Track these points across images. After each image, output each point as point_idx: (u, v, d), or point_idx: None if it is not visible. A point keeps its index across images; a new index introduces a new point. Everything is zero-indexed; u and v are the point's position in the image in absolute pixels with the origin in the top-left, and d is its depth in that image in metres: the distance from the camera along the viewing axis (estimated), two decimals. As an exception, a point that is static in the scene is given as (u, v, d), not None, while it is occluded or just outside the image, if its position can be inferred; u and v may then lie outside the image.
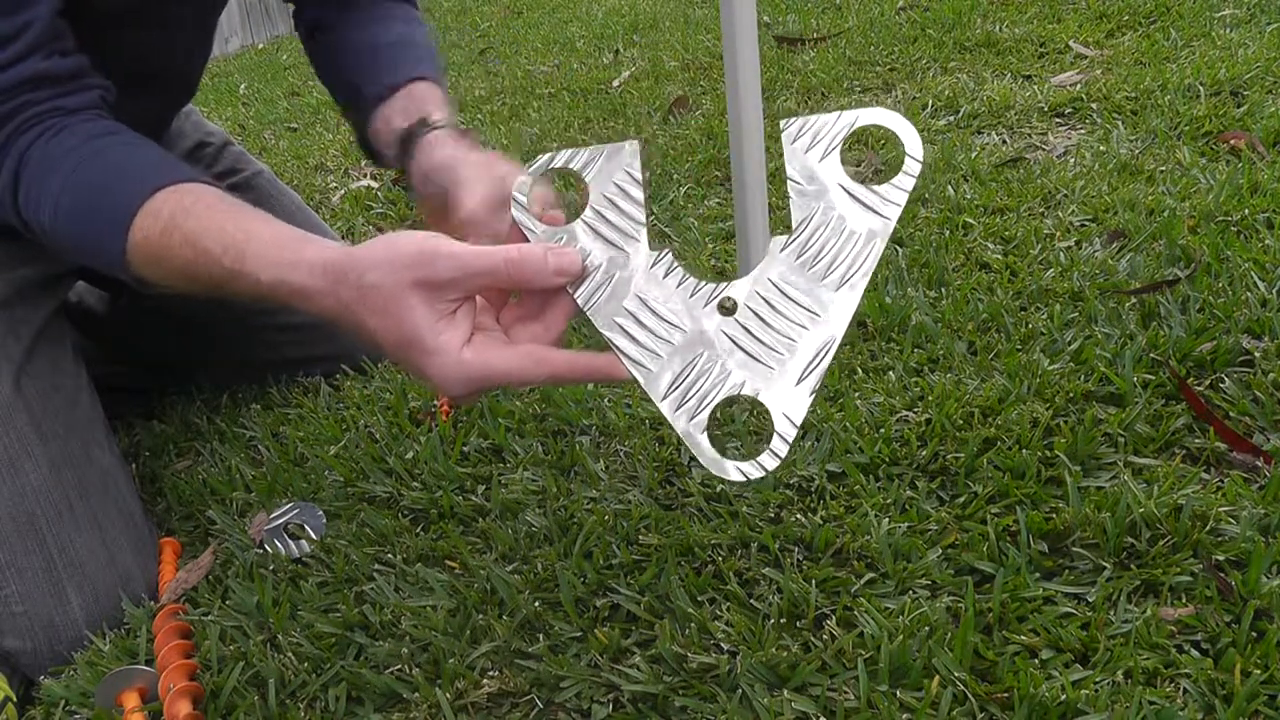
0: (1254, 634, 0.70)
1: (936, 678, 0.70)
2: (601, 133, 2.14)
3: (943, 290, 1.21)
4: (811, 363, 0.60)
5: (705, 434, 0.59)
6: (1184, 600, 0.74)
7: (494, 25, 4.10)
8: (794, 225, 0.62)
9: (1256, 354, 0.97)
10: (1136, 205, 1.34)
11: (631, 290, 0.62)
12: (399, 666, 0.81)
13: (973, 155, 1.61)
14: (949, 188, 1.49)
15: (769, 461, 0.58)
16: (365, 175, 2.25)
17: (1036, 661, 0.71)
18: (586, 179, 0.66)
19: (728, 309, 0.62)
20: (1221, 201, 1.28)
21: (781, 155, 0.66)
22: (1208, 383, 0.97)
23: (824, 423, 0.99)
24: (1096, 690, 0.67)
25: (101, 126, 0.85)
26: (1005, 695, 0.69)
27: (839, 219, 0.62)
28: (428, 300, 0.62)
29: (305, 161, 2.45)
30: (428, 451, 1.06)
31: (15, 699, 0.89)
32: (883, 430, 0.96)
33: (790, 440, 0.58)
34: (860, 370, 1.07)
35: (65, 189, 0.81)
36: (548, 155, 0.66)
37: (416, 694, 0.78)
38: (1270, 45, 1.84)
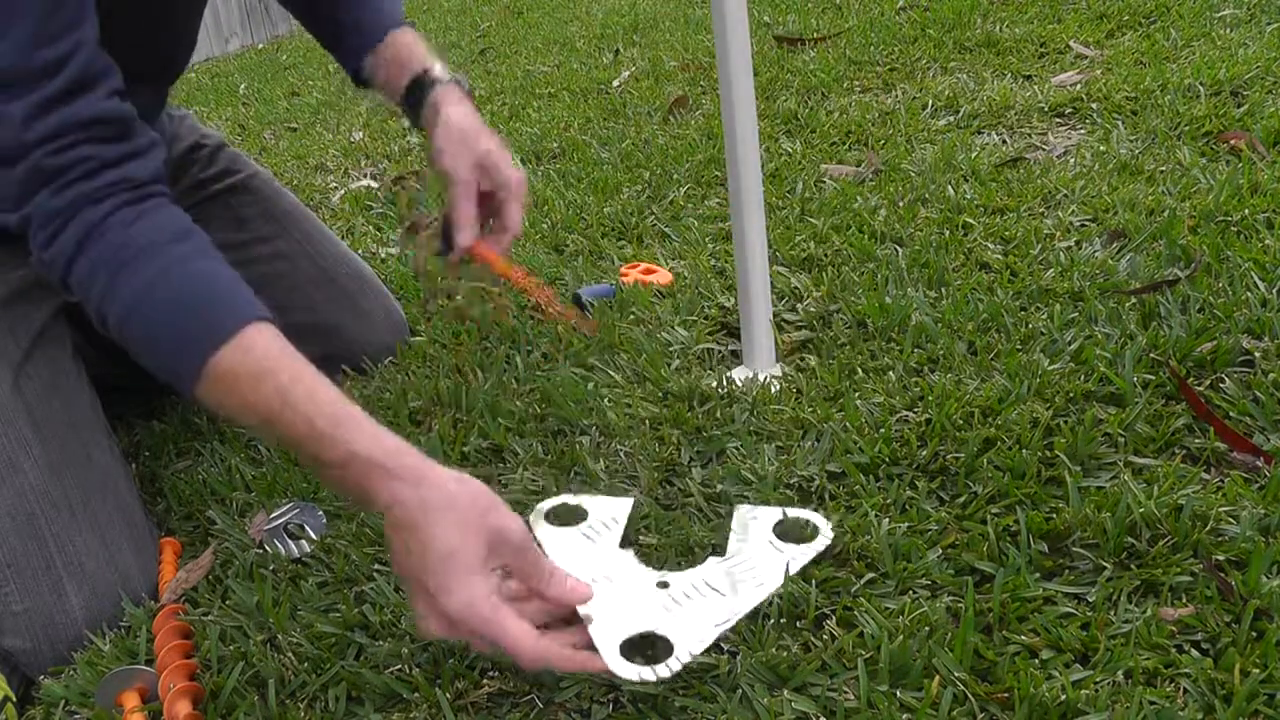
0: (1254, 634, 0.70)
1: (937, 678, 0.70)
2: (601, 133, 2.14)
3: (943, 290, 1.21)
4: (717, 621, 0.76)
5: (617, 652, 0.72)
6: (1184, 600, 0.74)
7: (494, 25, 4.10)
8: (728, 554, 0.84)
9: (1256, 354, 0.97)
10: (1136, 205, 1.34)
11: (595, 564, 0.84)
12: (399, 666, 0.81)
13: (973, 155, 1.61)
14: (949, 188, 1.49)
15: (663, 671, 0.70)
16: (365, 175, 2.25)
17: (1037, 661, 0.71)
18: (590, 510, 0.92)
19: (664, 585, 0.81)
20: (1221, 201, 1.28)
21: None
22: (1208, 383, 0.97)
23: (824, 423, 0.99)
24: (1097, 690, 0.67)
25: (179, 223, 0.84)
26: (1005, 695, 0.69)
27: (761, 556, 0.83)
28: (487, 545, 0.71)
29: (305, 161, 2.45)
30: (428, 451, 1.06)
31: (15, 699, 0.89)
32: (883, 430, 0.96)
33: (685, 662, 0.72)
34: (860, 370, 1.07)
35: (145, 290, 0.79)
36: (561, 498, 0.95)
37: (416, 694, 0.78)
38: (1270, 45, 1.84)
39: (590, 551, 0.86)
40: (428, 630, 0.72)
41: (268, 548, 0.98)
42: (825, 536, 0.85)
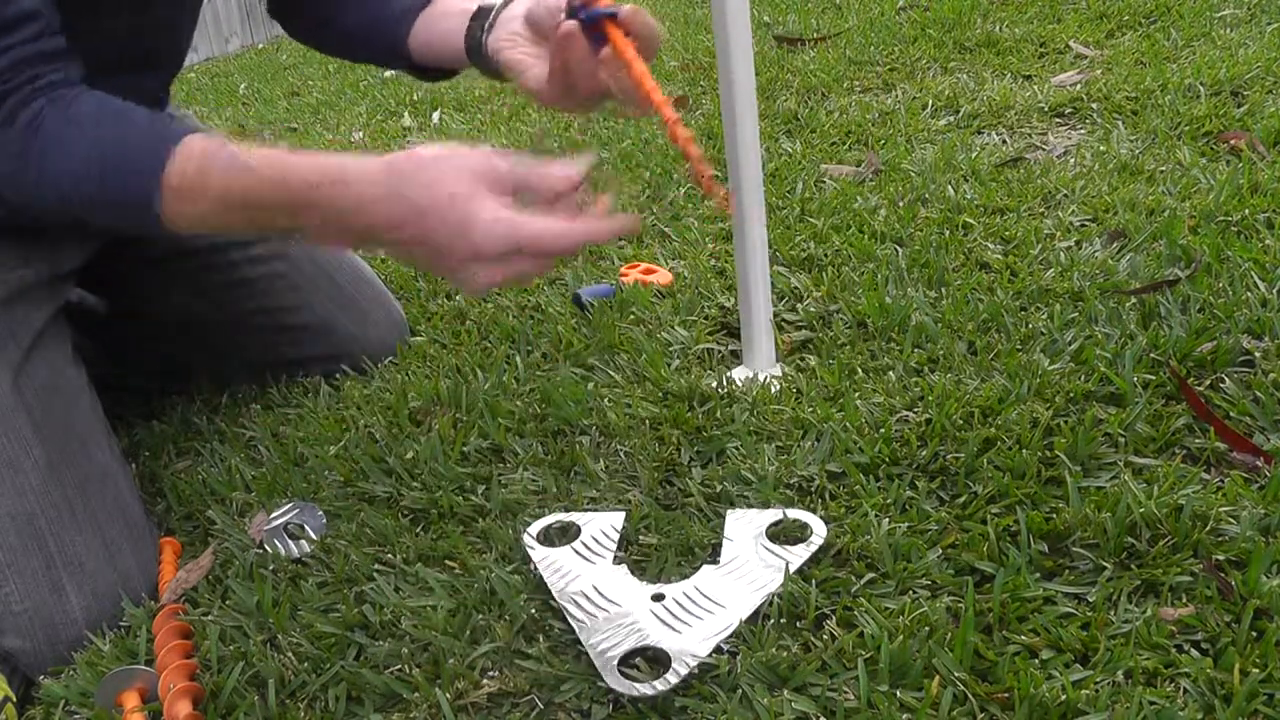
0: (1254, 634, 0.70)
1: (937, 678, 0.70)
2: (601, 133, 2.14)
3: (943, 290, 1.21)
4: (713, 633, 0.76)
5: (614, 667, 0.75)
6: (1184, 600, 0.74)
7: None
8: (721, 561, 0.84)
9: (1257, 354, 0.97)
10: (1136, 205, 1.34)
11: (590, 581, 0.84)
12: (399, 666, 0.81)
13: (973, 155, 1.61)
14: (949, 188, 1.49)
15: (661, 684, 0.72)
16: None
17: (1037, 661, 0.71)
18: (582, 526, 0.91)
19: (658, 598, 0.81)
20: (1222, 201, 1.28)
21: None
22: (1208, 383, 0.97)
23: (824, 423, 0.99)
24: (1097, 690, 0.67)
25: (105, 94, 0.89)
26: (1005, 695, 0.69)
27: (754, 560, 0.83)
28: (480, 181, 0.74)
29: (305, 161, 2.44)
30: (428, 451, 1.06)
31: (15, 699, 0.89)
32: (883, 430, 0.96)
33: (682, 674, 0.73)
34: (860, 370, 1.07)
35: (93, 143, 0.85)
36: (551, 517, 0.94)
37: (416, 694, 0.78)
38: (1270, 45, 1.84)
39: (584, 569, 0.86)
40: (475, 284, 0.74)
41: (268, 548, 0.98)
42: (818, 536, 0.85)
